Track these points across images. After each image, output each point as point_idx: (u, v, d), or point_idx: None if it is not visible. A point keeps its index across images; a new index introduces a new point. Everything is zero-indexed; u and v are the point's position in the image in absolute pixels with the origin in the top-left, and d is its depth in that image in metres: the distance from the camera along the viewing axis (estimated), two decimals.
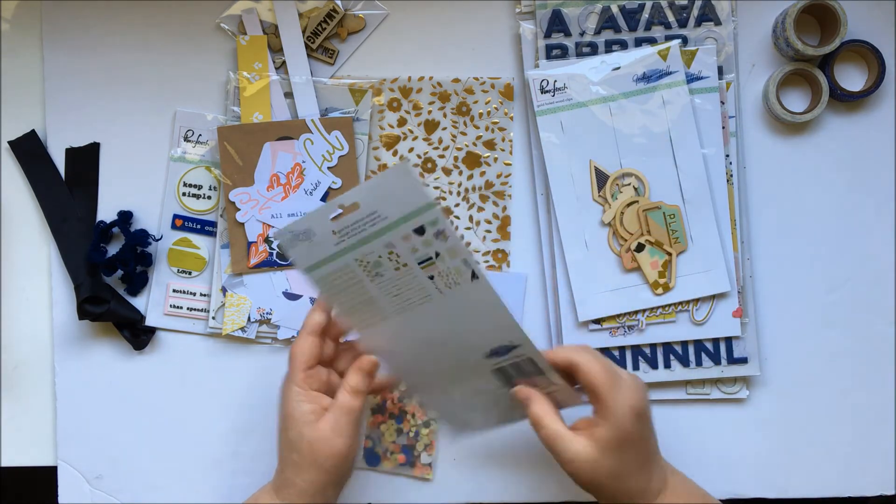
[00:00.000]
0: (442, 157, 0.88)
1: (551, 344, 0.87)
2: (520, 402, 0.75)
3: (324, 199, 0.85)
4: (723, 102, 0.85)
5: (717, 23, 0.85)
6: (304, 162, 0.85)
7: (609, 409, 0.70)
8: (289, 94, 0.87)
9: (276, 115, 0.86)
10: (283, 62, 0.87)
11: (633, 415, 0.70)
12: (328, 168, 0.85)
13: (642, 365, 0.85)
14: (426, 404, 0.85)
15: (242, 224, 0.86)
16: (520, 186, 0.88)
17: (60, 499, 0.88)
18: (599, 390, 0.71)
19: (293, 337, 0.87)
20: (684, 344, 0.85)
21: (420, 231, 0.66)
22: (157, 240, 0.87)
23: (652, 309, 0.84)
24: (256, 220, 0.85)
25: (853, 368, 0.87)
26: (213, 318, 0.87)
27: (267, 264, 0.86)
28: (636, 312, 0.84)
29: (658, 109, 0.84)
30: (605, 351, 0.85)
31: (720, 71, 0.85)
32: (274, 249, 0.86)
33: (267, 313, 0.87)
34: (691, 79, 0.84)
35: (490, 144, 0.88)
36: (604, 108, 0.84)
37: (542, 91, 0.84)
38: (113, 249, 0.87)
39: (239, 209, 0.85)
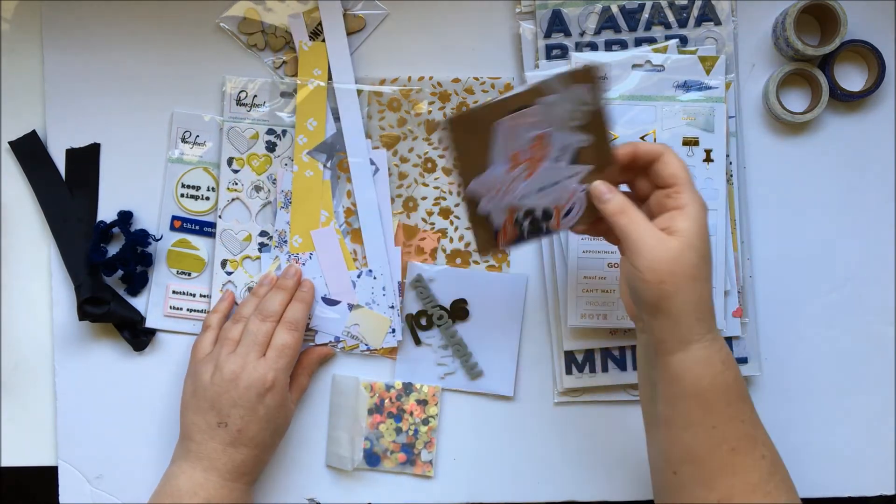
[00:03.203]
0: (442, 157, 0.88)
1: (551, 342, 0.87)
2: (596, 196, 0.71)
3: (573, 162, 0.72)
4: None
5: (717, 23, 0.85)
6: (548, 129, 0.72)
7: (689, 202, 0.68)
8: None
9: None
10: (284, 62, 0.87)
11: (706, 211, 0.69)
12: (576, 126, 0.72)
13: None
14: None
15: (485, 215, 0.75)
16: None
17: (61, 499, 0.88)
18: (681, 182, 0.69)
19: (330, 343, 0.87)
20: None
21: None
22: (157, 240, 0.87)
23: None
24: (500, 207, 0.74)
25: (853, 368, 0.87)
26: None
27: (518, 241, 0.75)
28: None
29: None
30: (606, 350, 0.85)
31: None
32: (525, 227, 0.75)
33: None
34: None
35: None
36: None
37: None
38: (113, 250, 0.87)
39: (478, 203, 0.74)
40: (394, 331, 0.87)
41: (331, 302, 0.87)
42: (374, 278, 0.86)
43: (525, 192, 0.73)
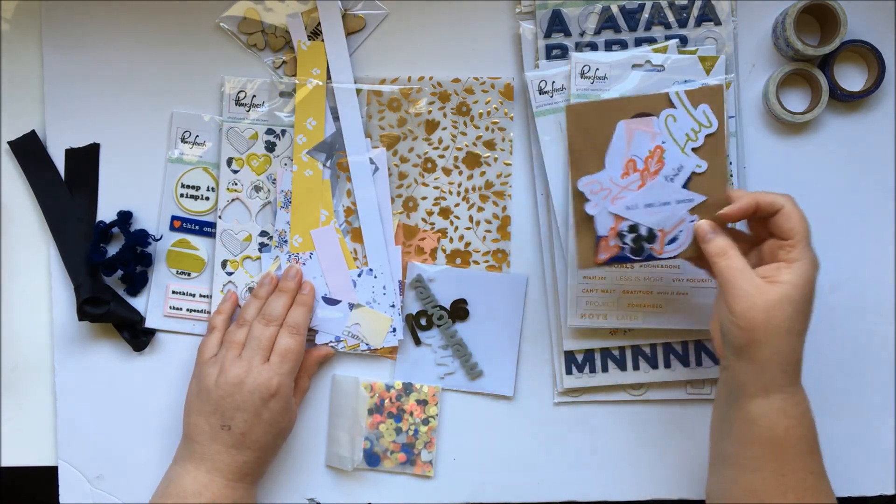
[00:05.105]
0: (442, 157, 0.88)
1: (551, 342, 0.87)
2: (699, 236, 0.73)
3: (685, 186, 0.75)
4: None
5: (717, 23, 0.85)
6: (664, 143, 0.73)
7: (800, 258, 0.69)
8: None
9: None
10: (284, 62, 0.87)
11: (815, 270, 0.70)
12: (692, 149, 0.74)
13: (642, 364, 0.85)
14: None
15: (591, 216, 0.75)
16: (520, 186, 0.87)
17: (61, 499, 0.88)
18: (798, 237, 0.70)
19: (331, 343, 0.87)
20: (684, 344, 0.85)
21: None
22: (157, 240, 0.87)
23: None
24: (609, 212, 0.75)
25: (853, 368, 0.87)
26: None
27: (618, 260, 0.76)
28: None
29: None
30: (606, 351, 0.85)
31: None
32: (627, 244, 0.76)
33: None
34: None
35: (490, 144, 0.87)
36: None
37: (541, 92, 0.84)
38: (113, 250, 0.87)
39: (588, 199, 0.75)
40: (395, 330, 0.86)
41: (331, 301, 0.86)
42: (375, 277, 0.86)
43: (633, 203, 0.74)
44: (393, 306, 0.86)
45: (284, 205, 0.87)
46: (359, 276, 0.86)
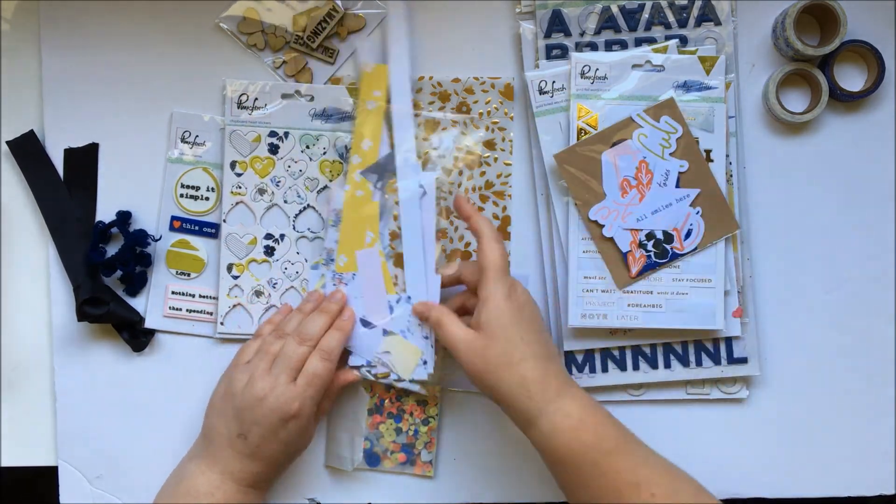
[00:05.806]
0: (442, 157, 0.88)
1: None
2: (419, 317, 0.82)
3: (677, 185, 0.83)
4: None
5: (717, 23, 0.85)
6: (646, 157, 0.83)
7: (489, 294, 0.75)
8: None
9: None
10: (284, 62, 0.87)
11: (507, 300, 0.74)
12: (670, 154, 0.83)
13: (642, 365, 0.85)
14: None
15: (611, 238, 0.83)
16: (520, 186, 0.87)
17: (61, 499, 0.88)
18: (484, 274, 0.76)
19: (363, 367, 0.84)
20: (684, 344, 0.85)
21: None
22: (157, 240, 0.87)
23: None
24: (623, 229, 0.83)
25: (853, 368, 0.87)
26: (223, 323, 0.87)
27: (649, 268, 0.83)
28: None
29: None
30: (606, 351, 0.85)
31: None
32: (651, 250, 0.83)
33: None
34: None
35: (490, 144, 0.87)
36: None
37: (541, 92, 0.84)
38: (112, 250, 0.87)
39: (602, 225, 0.83)
40: (426, 363, 0.83)
41: (367, 324, 0.85)
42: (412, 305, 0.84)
43: (641, 214, 0.82)
44: (427, 338, 0.84)
45: (335, 223, 0.86)
46: (397, 301, 0.84)
